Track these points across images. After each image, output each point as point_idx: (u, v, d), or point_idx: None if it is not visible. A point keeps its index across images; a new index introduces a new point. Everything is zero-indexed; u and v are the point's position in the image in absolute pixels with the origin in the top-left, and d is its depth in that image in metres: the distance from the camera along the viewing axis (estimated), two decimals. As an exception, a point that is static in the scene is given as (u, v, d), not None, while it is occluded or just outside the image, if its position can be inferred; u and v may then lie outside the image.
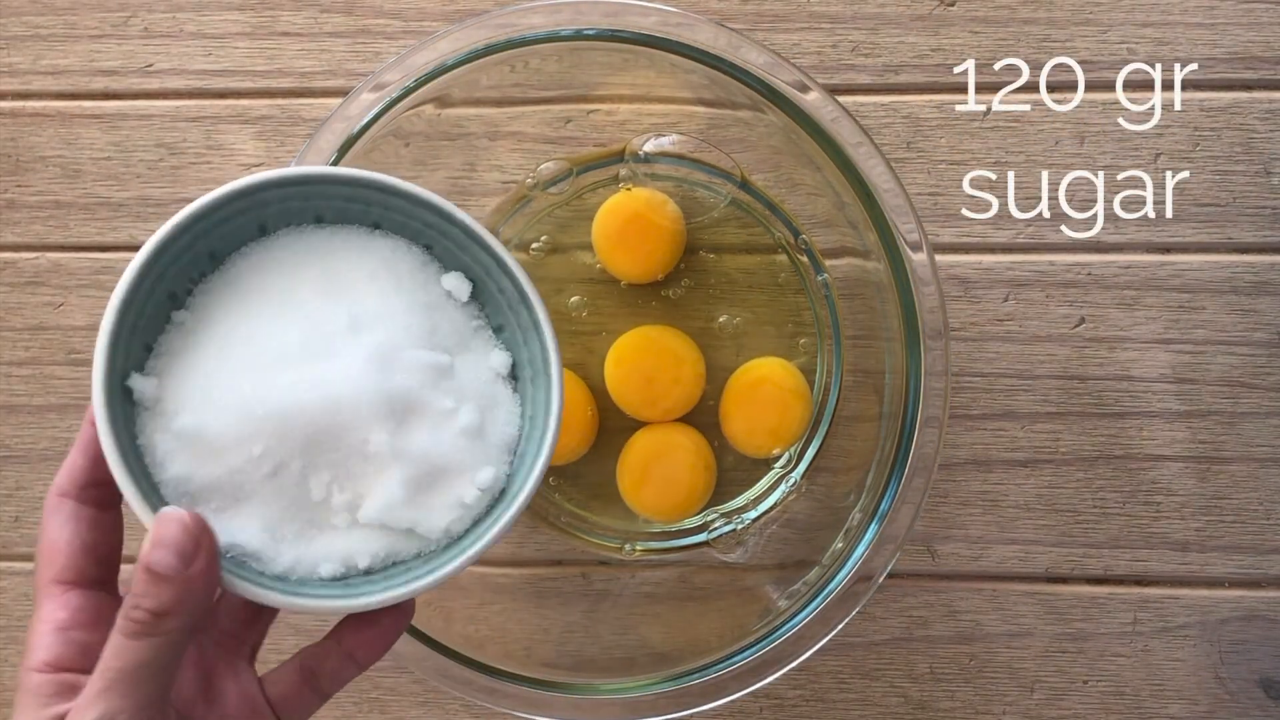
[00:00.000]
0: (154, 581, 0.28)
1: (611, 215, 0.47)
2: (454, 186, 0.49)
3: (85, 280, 0.52)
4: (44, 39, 0.52)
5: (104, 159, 0.52)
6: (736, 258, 0.48)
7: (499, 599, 0.49)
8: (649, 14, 0.42)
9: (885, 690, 0.49)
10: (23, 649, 0.30)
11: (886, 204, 0.41)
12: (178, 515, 0.29)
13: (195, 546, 0.29)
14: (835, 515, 0.46)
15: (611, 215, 0.47)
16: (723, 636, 0.44)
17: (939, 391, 0.42)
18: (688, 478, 0.47)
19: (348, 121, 0.42)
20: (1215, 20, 0.49)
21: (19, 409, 0.52)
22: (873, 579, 0.42)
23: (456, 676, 0.42)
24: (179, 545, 0.29)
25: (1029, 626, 0.49)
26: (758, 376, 0.48)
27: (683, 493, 0.47)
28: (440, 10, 0.51)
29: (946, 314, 0.42)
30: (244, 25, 0.51)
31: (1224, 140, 0.49)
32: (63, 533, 0.31)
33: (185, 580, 0.29)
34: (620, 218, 0.47)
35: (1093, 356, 0.49)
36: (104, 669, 0.29)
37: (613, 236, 0.47)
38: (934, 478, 0.42)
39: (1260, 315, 0.48)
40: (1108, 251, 0.49)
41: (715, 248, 0.48)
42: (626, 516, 0.49)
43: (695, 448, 0.48)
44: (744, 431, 0.48)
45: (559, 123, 0.49)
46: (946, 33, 0.49)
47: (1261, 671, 0.48)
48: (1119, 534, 0.49)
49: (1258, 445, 0.48)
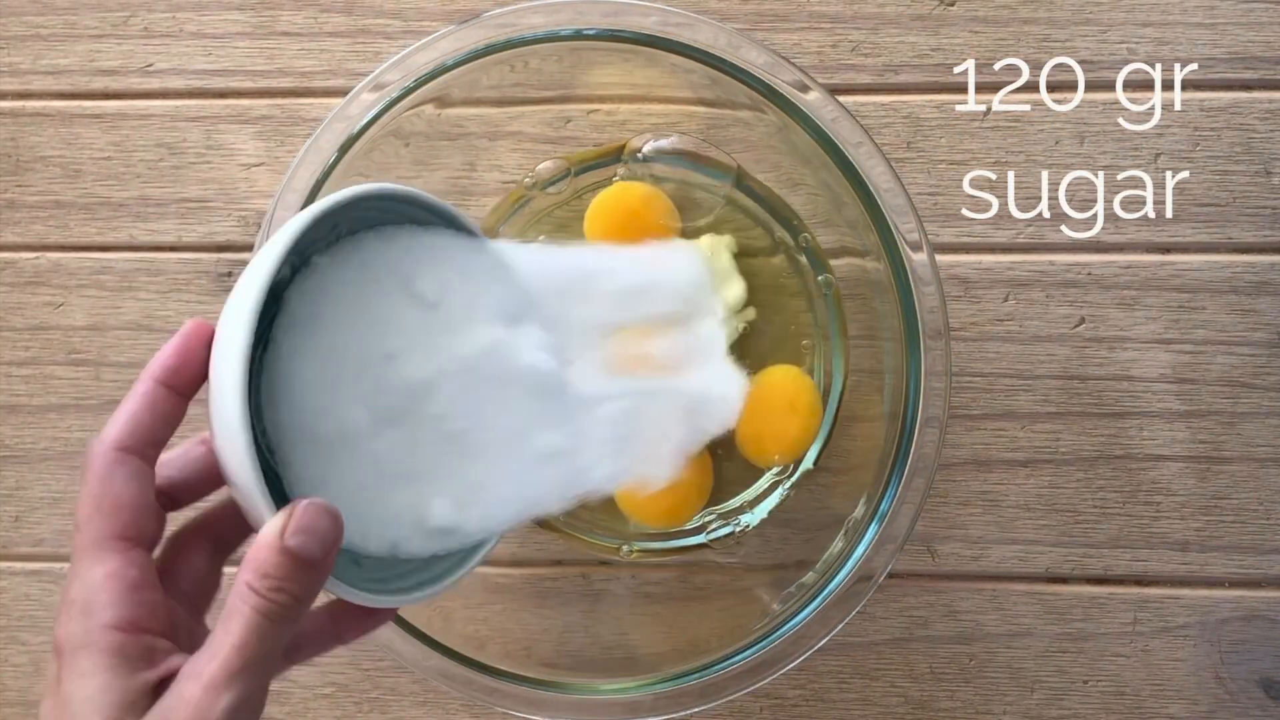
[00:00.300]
0: (300, 567, 0.29)
1: (602, 206, 0.47)
2: (454, 186, 0.49)
3: (85, 280, 0.52)
4: (44, 39, 0.52)
5: (104, 159, 0.52)
6: (736, 260, 0.48)
7: (499, 599, 0.49)
8: (649, 14, 0.42)
9: (885, 690, 0.49)
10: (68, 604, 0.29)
11: (886, 204, 0.41)
12: (325, 505, 0.30)
13: (337, 537, 0.30)
14: (835, 515, 0.46)
15: (602, 206, 0.47)
16: (722, 636, 0.44)
17: (939, 391, 0.42)
18: (682, 485, 0.47)
19: (348, 121, 0.42)
20: (1215, 20, 0.49)
21: (19, 409, 0.52)
22: (873, 579, 0.42)
23: (456, 676, 0.42)
24: (326, 535, 0.29)
25: (1029, 626, 0.49)
26: (773, 386, 0.47)
27: (678, 499, 0.47)
28: (440, 10, 0.51)
29: (947, 314, 0.42)
30: (244, 25, 0.51)
31: (1224, 140, 0.49)
32: (129, 488, 0.30)
33: (325, 569, 0.30)
34: (611, 208, 0.47)
35: (1093, 356, 0.49)
36: (241, 647, 0.28)
37: (604, 228, 0.47)
38: (934, 478, 0.42)
39: (1260, 315, 0.48)
40: (1108, 251, 0.49)
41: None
42: (624, 518, 0.49)
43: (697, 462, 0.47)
44: (753, 440, 0.47)
45: (559, 123, 0.49)
46: (946, 33, 0.49)
47: (1261, 671, 0.48)
48: (1119, 534, 0.49)
49: (1258, 445, 0.48)
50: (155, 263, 0.51)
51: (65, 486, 0.52)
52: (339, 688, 0.51)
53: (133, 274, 0.52)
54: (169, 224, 0.52)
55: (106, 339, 0.52)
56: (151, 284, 0.51)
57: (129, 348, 0.51)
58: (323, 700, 0.51)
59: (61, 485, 0.52)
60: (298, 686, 0.51)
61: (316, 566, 0.29)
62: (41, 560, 0.52)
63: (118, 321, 0.52)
